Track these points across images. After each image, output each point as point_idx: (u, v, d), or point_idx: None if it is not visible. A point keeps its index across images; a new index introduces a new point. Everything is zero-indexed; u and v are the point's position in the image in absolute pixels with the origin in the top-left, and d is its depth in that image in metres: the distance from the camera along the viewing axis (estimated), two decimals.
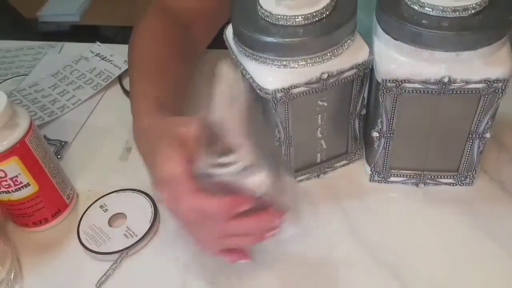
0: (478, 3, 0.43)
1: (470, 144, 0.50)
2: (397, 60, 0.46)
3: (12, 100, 0.73)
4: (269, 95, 0.46)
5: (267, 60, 0.46)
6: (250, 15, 0.47)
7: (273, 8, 0.46)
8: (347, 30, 0.46)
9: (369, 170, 0.56)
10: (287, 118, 0.49)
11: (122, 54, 0.80)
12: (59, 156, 0.64)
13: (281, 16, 0.45)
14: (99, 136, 0.67)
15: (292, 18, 0.45)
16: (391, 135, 0.51)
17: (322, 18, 0.46)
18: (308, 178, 0.56)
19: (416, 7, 0.44)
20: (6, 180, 0.50)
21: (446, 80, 0.44)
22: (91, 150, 0.65)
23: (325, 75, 0.46)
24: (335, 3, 0.47)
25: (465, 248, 0.49)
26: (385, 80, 0.46)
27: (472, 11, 0.43)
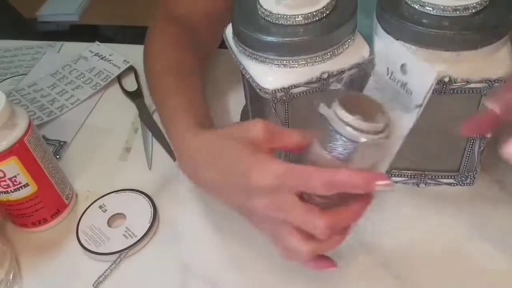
0: (479, 2, 0.43)
1: (471, 144, 0.50)
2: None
3: (11, 99, 0.73)
4: (269, 95, 0.46)
5: (267, 59, 0.46)
6: (250, 14, 0.47)
7: (273, 8, 0.45)
8: (347, 30, 0.46)
9: None
10: (287, 118, 0.49)
11: (121, 54, 0.80)
12: (58, 156, 0.64)
13: (281, 15, 0.45)
14: (98, 136, 0.67)
15: (292, 18, 0.45)
16: None
17: (322, 17, 0.45)
18: None
19: (416, 6, 0.44)
20: (5, 180, 0.50)
21: (447, 79, 0.44)
22: (90, 150, 0.65)
23: (325, 75, 0.46)
24: (335, 2, 0.47)
25: (465, 248, 0.49)
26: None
27: (473, 11, 0.43)
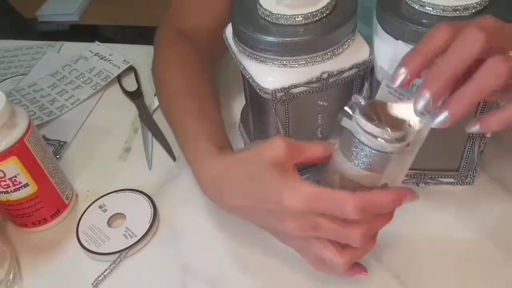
0: (479, 2, 0.43)
1: (471, 143, 0.50)
2: (397, 60, 0.46)
3: (11, 99, 0.73)
4: (269, 95, 0.46)
5: (267, 59, 0.46)
6: (250, 14, 0.47)
7: (273, 8, 0.45)
8: (347, 30, 0.46)
9: None
10: (287, 118, 0.49)
11: (121, 54, 0.80)
12: (58, 156, 0.64)
13: (281, 15, 0.45)
14: (98, 136, 0.67)
15: (292, 18, 0.45)
16: None
17: (322, 17, 0.45)
18: (307, 178, 0.56)
19: (416, 6, 0.44)
20: (5, 180, 0.50)
21: None
22: (90, 150, 0.65)
23: (325, 75, 0.46)
24: (335, 2, 0.47)
25: (465, 248, 0.49)
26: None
27: (473, 11, 0.43)
